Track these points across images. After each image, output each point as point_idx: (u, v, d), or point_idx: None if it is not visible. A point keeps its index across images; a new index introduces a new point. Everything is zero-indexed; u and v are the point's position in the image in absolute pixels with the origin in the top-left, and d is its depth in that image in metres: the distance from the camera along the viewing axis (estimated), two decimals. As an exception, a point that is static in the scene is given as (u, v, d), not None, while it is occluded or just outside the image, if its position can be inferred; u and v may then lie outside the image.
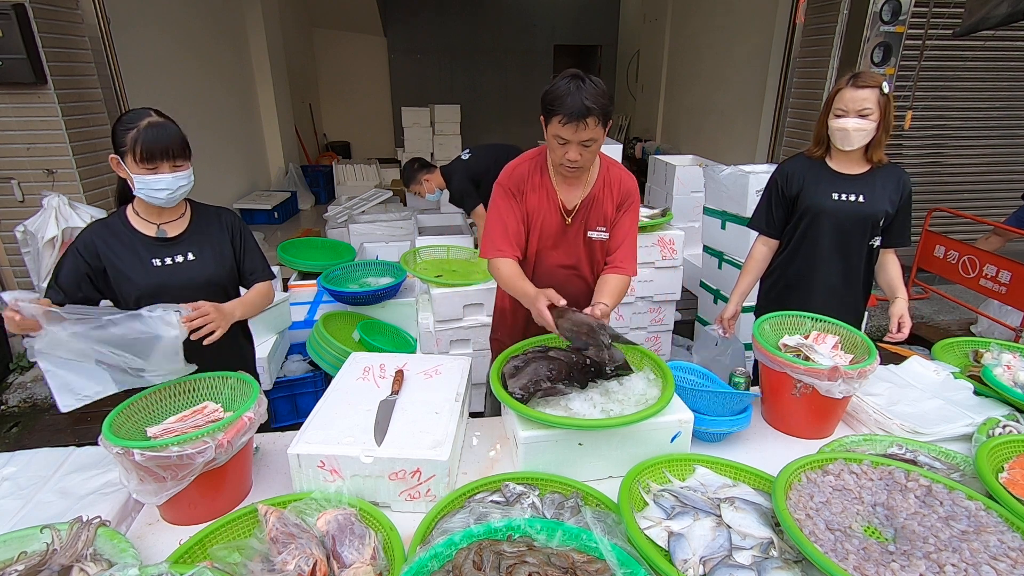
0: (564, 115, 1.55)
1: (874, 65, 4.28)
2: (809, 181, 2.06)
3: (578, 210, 1.80)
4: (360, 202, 5.51)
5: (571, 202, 1.79)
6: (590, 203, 1.80)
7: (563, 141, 1.61)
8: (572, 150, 1.61)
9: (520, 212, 1.79)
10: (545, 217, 1.80)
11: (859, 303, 2.18)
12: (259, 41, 7.05)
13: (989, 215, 4.79)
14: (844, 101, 1.89)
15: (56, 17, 3.42)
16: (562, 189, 1.79)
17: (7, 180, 3.50)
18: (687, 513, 1.20)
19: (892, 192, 2.00)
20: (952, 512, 1.16)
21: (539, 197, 1.79)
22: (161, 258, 1.64)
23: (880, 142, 1.94)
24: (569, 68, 1.65)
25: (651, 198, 5.07)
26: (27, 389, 3.56)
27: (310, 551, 1.07)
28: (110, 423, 1.25)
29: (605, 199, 1.80)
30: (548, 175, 1.79)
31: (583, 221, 1.81)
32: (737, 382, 1.74)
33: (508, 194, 1.79)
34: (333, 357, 2.87)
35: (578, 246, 1.84)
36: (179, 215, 1.70)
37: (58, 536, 1.11)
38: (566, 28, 10.44)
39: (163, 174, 1.53)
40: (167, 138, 1.52)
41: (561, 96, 1.55)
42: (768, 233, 2.20)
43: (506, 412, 1.57)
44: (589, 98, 1.54)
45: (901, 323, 1.98)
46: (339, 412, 1.44)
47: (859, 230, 2.03)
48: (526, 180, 1.79)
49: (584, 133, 1.57)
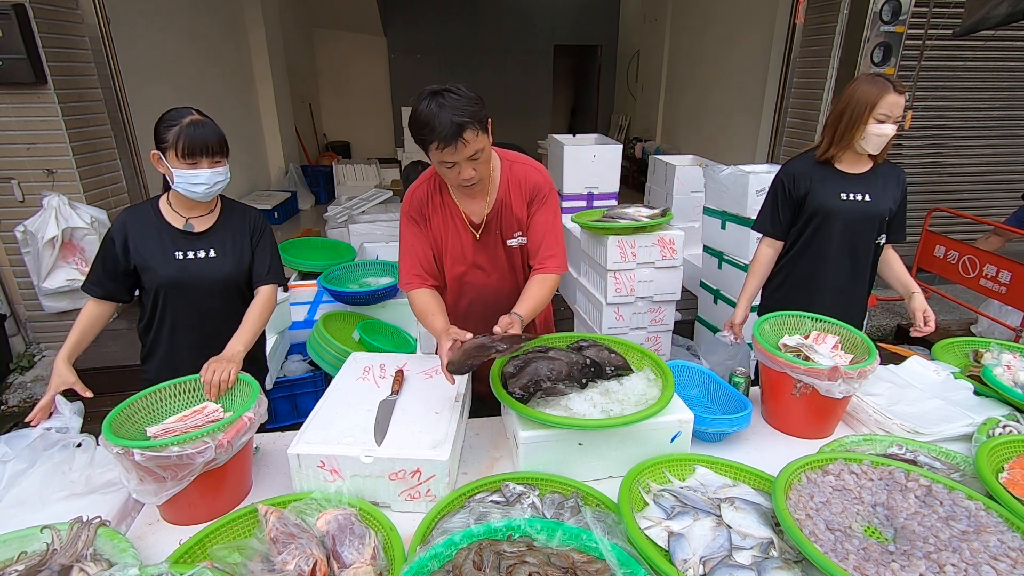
0: (438, 141, 1.42)
1: (874, 65, 4.28)
2: (816, 182, 2.05)
3: (487, 223, 1.68)
4: (360, 202, 5.51)
5: (478, 215, 1.68)
6: (499, 211, 1.68)
7: (450, 164, 1.48)
8: (464, 169, 1.49)
9: (427, 238, 1.70)
10: (453, 238, 1.70)
11: (863, 300, 2.20)
12: (259, 41, 7.05)
13: (989, 215, 4.79)
14: (888, 106, 1.86)
15: (56, 17, 3.42)
16: (465, 204, 1.68)
17: (7, 180, 3.50)
18: (687, 513, 1.20)
19: (894, 189, 2.03)
20: (952, 512, 1.16)
21: (443, 218, 1.69)
22: (184, 251, 1.71)
23: (890, 143, 1.97)
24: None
25: (651, 198, 5.08)
26: (27, 389, 3.56)
27: (310, 551, 1.07)
28: (110, 423, 1.25)
29: (513, 202, 1.68)
30: (448, 193, 1.68)
31: (497, 232, 1.70)
32: (737, 382, 1.75)
33: (412, 221, 1.70)
34: (333, 357, 2.87)
35: (499, 259, 1.73)
36: (209, 210, 1.76)
37: (58, 536, 1.11)
38: (566, 28, 10.44)
39: (202, 169, 1.60)
40: (208, 135, 1.60)
41: (427, 122, 1.41)
42: (774, 235, 2.19)
43: (506, 412, 1.57)
44: (457, 113, 1.40)
45: (927, 317, 1.97)
46: (339, 412, 1.44)
47: (868, 229, 2.05)
48: (426, 203, 1.69)
49: (466, 150, 1.44)
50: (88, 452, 1.45)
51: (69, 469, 1.41)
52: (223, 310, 1.77)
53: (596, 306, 3.22)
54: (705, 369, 1.82)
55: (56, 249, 3.45)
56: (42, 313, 3.73)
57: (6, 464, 1.42)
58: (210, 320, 1.77)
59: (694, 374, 1.83)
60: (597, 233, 3.08)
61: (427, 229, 1.71)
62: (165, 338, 1.78)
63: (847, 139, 1.97)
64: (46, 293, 3.58)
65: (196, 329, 1.77)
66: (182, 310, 1.75)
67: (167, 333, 1.78)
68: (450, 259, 1.73)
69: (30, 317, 3.83)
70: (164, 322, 1.76)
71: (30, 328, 3.88)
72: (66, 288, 3.55)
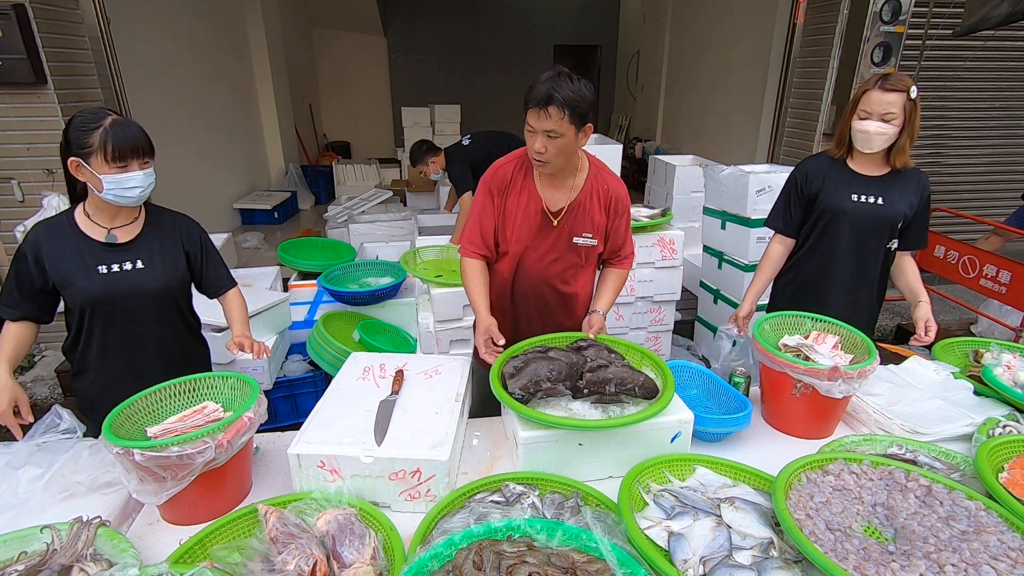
0: (530, 102, 1.58)
1: (874, 65, 4.28)
2: (829, 181, 2.04)
3: (564, 214, 1.78)
4: (360, 202, 5.51)
5: (555, 204, 1.78)
6: (577, 208, 1.78)
7: (531, 130, 1.62)
8: (538, 139, 1.61)
9: (496, 213, 1.81)
10: (525, 218, 1.78)
11: (873, 305, 2.16)
12: (259, 41, 7.05)
13: (989, 215, 4.79)
14: (870, 103, 1.86)
15: (56, 17, 3.42)
16: (546, 192, 1.77)
17: (7, 180, 3.49)
18: (687, 513, 1.20)
19: (911, 195, 1.98)
20: (952, 512, 1.16)
21: (520, 198, 1.78)
22: (108, 264, 1.59)
23: (904, 147, 1.91)
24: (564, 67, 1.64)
25: (651, 198, 5.08)
26: (27, 389, 3.56)
27: (310, 551, 1.07)
28: (110, 423, 1.25)
29: (592, 205, 1.79)
30: (532, 177, 1.78)
31: (569, 226, 1.79)
32: (737, 382, 1.75)
33: (489, 193, 1.80)
34: (333, 357, 2.87)
35: (560, 250, 1.82)
36: (132, 219, 1.65)
37: (58, 536, 1.11)
38: (566, 28, 10.43)
39: (133, 172, 1.50)
40: (136, 134, 1.50)
41: (535, 86, 1.58)
42: (785, 232, 2.19)
43: (506, 412, 1.57)
44: (558, 89, 1.54)
45: (928, 327, 1.96)
46: (339, 412, 1.44)
47: (877, 232, 2.02)
48: (509, 180, 1.79)
49: (546, 122, 1.56)
50: (94, 454, 1.45)
51: (72, 471, 1.40)
52: (155, 325, 1.68)
53: (596, 306, 3.22)
54: (705, 369, 1.82)
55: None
56: (42, 313, 3.72)
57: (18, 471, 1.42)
58: (142, 336, 1.67)
59: (694, 374, 1.83)
60: (597, 233, 3.07)
61: (501, 203, 1.80)
62: (95, 357, 1.67)
63: (845, 137, 1.98)
64: (46, 293, 3.57)
65: (128, 346, 1.67)
66: (111, 327, 1.64)
67: (96, 352, 1.66)
68: (515, 236, 1.81)
69: (30, 317, 3.83)
70: (91, 341, 1.65)
71: (30, 328, 3.88)
72: (66, 288, 3.55)
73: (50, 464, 1.44)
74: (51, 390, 3.53)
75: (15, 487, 1.38)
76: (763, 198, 3.22)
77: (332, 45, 9.80)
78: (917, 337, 1.97)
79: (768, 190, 3.21)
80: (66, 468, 1.41)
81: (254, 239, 5.70)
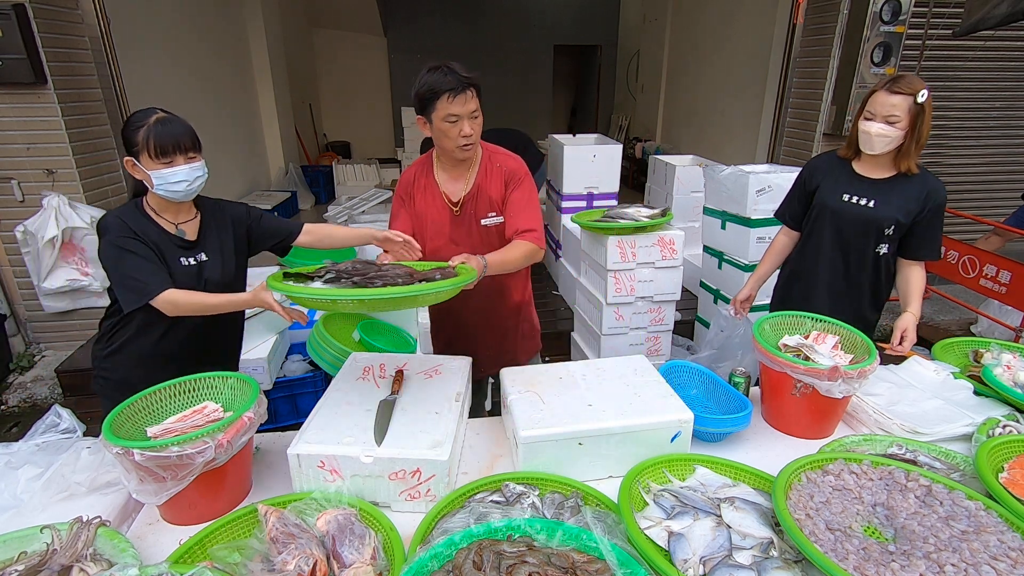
0: (448, 92, 1.65)
1: (874, 65, 4.28)
2: (828, 179, 2.07)
3: (465, 202, 1.87)
4: (360, 202, 5.52)
5: (456, 195, 1.87)
6: (475, 193, 1.87)
7: (454, 119, 1.69)
8: (465, 125, 1.70)
9: (408, 213, 1.91)
10: (434, 214, 1.89)
11: (865, 310, 2.13)
12: (259, 41, 7.05)
13: (989, 215, 4.79)
14: (875, 104, 1.85)
15: (56, 17, 3.42)
16: (446, 185, 1.88)
17: (7, 180, 3.50)
18: (687, 513, 1.20)
19: (911, 203, 1.93)
20: (952, 512, 1.16)
21: (425, 196, 1.89)
22: (186, 257, 1.66)
23: (908, 152, 1.88)
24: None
25: (651, 198, 5.08)
26: (27, 389, 3.56)
27: (310, 551, 1.07)
28: (110, 423, 1.25)
29: (490, 186, 1.87)
30: (433, 176, 1.89)
31: (472, 211, 1.88)
32: (737, 382, 1.75)
33: (399, 199, 1.93)
34: (333, 357, 2.87)
35: (473, 235, 1.89)
36: (193, 215, 1.71)
37: (58, 536, 1.11)
38: (566, 28, 10.43)
39: (179, 167, 1.55)
40: (178, 131, 1.55)
41: (436, 80, 1.66)
42: (788, 224, 2.25)
43: (506, 412, 1.57)
44: (463, 71, 1.66)
45: (904, 336, 1.92)
46: (339, 412, 1.44)
47: (859, 234, 2.01)
48: (413, 183, 1.91)
49: (471, 103, 1.68)
50: (94, 454, 1.45)
51: (71, 471, 1.40)
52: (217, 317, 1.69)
53: (596, 306, 3.22)
54: (705, 369, 1.82)
55: (56, 249, 3.45)
56: (42, 313, 3.73)
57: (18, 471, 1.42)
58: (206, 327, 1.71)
59: (694, 374, 1.83)
60: (597, 233, 3.08)
61: (411, 206, 1.91)
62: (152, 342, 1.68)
63: (854, 137, 1.97)
64: (46, 293, 3.58)
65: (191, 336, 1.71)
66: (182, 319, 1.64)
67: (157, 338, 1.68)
68: (430, 233, 1.90)
69: (30, 317, 3.83)
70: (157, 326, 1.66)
71: (30, 328, 3.88)
72: (66, 288, 3.55)
73: (49, 464, 1.45)
74: (51, 390, 3.53)
75: (15, 487, 1.38)
76: (763, 198, 3.22)
77: (332, 45, 9.80)
78: (891, 345, 1.93)
79: (768, 190, 3.21)
80: (66, 468, 1.41)
81: (254, 239, 5.70)
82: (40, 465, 1.45)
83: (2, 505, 1.33)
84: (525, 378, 1.59)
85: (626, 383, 1.57)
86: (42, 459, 1.47)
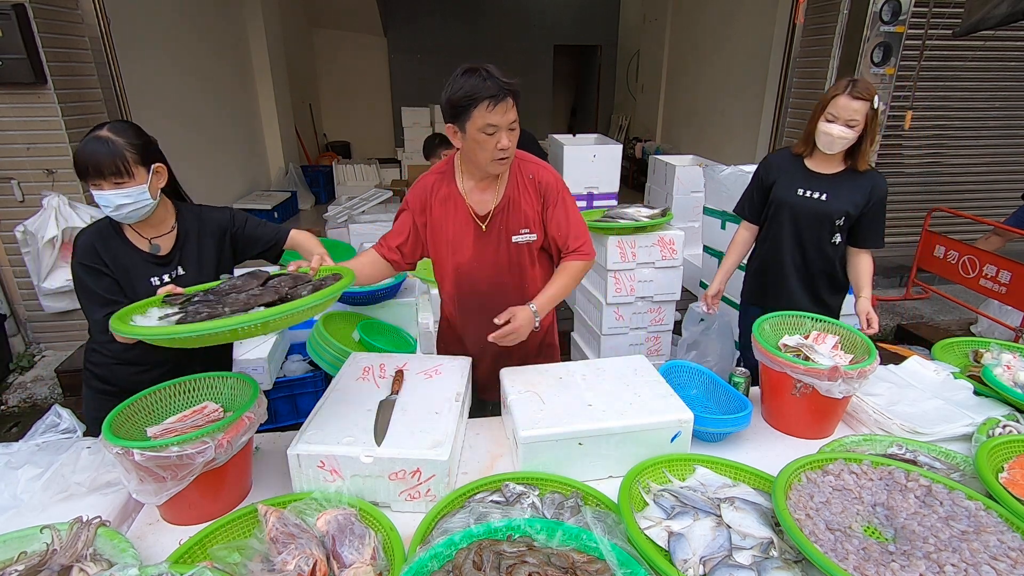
0: (489, 99, 1.47)
1: (874, 65, 4.28)
2: (783, 175, 2.21)
3: (494, 215, 1.68)
4: (360, 202, 5.51)
5: (483, 208, 1.69)
6: (506, 206, 1.68)
7: (492, 130, 1.51)
8: (503, 136, 1.53)
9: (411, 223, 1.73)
10: (455, 227, 1.70)
11: (829, 296, 2.29)
12: (259, 41, 7.05)
13: (989, 215, 4.79)
14: (837, 108, 1.97)
15: (56, 17, 3.42)
16: (472, 196, 1.69)
17: (7, 180, 3.50)
18: (687, 513, 1.20)
19: (858, 196, 2.09)
20: (952, 512, 1.16)
21: (446, 209, 1.69)
22: (159, 276, 1.57)
23: (865, 152, 2.05)
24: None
25: (651, 198, 5.08)
26: (27, 389, 3.56)
27: (310, 551, 1.07)
28: (110, 423, 1.25)
29: (522, 199, 1.69)
30: (456, 185, 1.69)
31: (502, 226, 1.70)
32: (737, 382, 1.75)
33: (407, 211, 1.74)
34: (333, 357, 2.87)
35: (501, 254, 1.72)
36: (170, 228, 1.62)
37: (58, 536, 1.11)
38: (566, 28, 10.43)
39: (106, 191, 1.44)
40: (100, 152, 1.41)
41: (475, 86, 1.48)
42: (748, 218, 2.38)
43: (506, 412, 1.57)
44: (502, 76, 1.49)
45: (869, 319, 2.10)
46: (339, 412, 1.44)
47: (814, 225, 2.16)
48: (431, 192, 1.70)
49: (511, 113, 1.52)
50: (94, 454, 1.45)
51: (71, 471, 1.40)
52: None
53: (596, 306, 3.22)
54: (705, 369, 1.82)
55: (56, 249, 3.45)
56: (42, 313, 3.73)
57: (18, 471, 1.42)
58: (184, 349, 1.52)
59: (694, 374, 1.83)
60: (597, 233, 3.08)
61: (421, 216, 1.72)
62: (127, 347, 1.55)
63: (811, 135, 2.10)
64: (46, 293, 3.58)
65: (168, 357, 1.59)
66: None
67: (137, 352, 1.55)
68: (449, 249, 1.73)
69: (30, 317, 3.83)
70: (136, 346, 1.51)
71: (30, 328, 3.88)
72: (66, 288, 3.55)
73: (49, 464, 1.44)
74: (51, 390, 3.53)
75: (15, 487, 1.38)
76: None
77: (332, 45, 9.80)
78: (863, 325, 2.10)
79: (768, 190, 3.21)
80: (65, 468, 1.41)
81: (254, 239, 5.70)
82: (40, 465, 1.44)
83: (2, 505, 1.33)
84: (525, 378, 1.59)
85: (626, 383, 1.57)
86: (42, 459, 1.47)
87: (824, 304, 2.28)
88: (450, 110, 1.54)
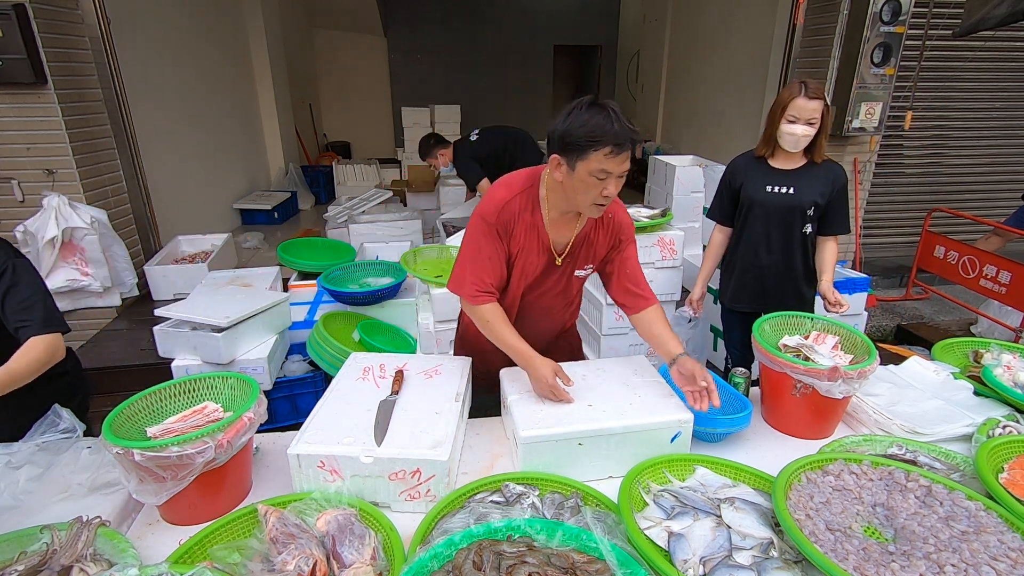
0: (613, 146, 1.35)
1: (874, 65, 4.28)
2: (750, 175, 2.33)
3: (569, 251, 1.64)
4: (360, 202, 5.51)
5: (560, 242, 1.62)
6: (582, 242, 1.64)
7: (604, 175, 1.39)
8: (612, 184, 1.41)
9: (504, 254, 1.59)
10: (530, 258, 1.62)
11: (802, 286, 2.39)
12: (259, 42, 7.05)
13: (989, 215, 4.79)
14: (797, 109, 2.10)
15: (56, 17, 3.42)
16: (553, 229, 1.60)
17: (7, 180, 3.50)
18: (687, 513, 1.20)
19: (822, 185, 2.23)
20: (952, 512, 1.16)
21: (529, 238, 1.59)
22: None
23: (822, 145, 2.20)
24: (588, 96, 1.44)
25: (651, 198, 5.07)
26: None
27: (310, 551, 1.07)
28: (110, 423, 1.25)
29: (597, 238, 1.65)
30: (540, 213, 1.58)
31: (571, 261, 1.66)
32: (737, 382, 1.75)
33: (495, 234, 1.56)
34: (333, 357, 2.87)
35: (560, 285, 1.70)
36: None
37: (58, 536, 1.10)
38: (566, 28, 10.44)
39: None
40: None
41: (602, 126, 1.34)
42: (721, 221, 2.50)
43: (506, 412, 1.57)
44: (628, 122, 1.37)
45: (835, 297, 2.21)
46: (339, 412, 1.44)
47: (787, 217, 2.28)
48: (517, 218, 1.57)
49: (627, 163, 1.40)
50: (94, 454, 1.45)
51: (71, 471, 1.40)
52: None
53: (596, 306, 3.22)
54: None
55: (56, 249, 3.45)
56: (42, 313, 3.72)
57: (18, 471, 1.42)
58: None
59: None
60: (597, 233, 3.08)
61: (506, 243, 1.59)
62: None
63: (772, 136, 2.22)
64: (46, 293, 3.58)
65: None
66: None
67: None
68: (520, 275, 1.65)
69: (30, 317, 3.83)
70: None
71: (30, 328, 3.88)
72: (66, 288, 3.55)
73: (49, 464, 1.44)
74: (51, 390, 3.53)
75: (15, 487, 1.38)
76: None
77: (332, 45, 9.81)
78: (829, 306, 2.22)
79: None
80: (66, 468, 1.41)
81: (254, 239, 5.70)
82: (40, 465, 1.44)
83: (2, 505, 1.33)
84: (525, 378, 1.59)
85: (626, 383, 1.58)
86: (42, 459, 1.47)
87: (802, 296, 2.40)
88: (563, 143, 1.40)
